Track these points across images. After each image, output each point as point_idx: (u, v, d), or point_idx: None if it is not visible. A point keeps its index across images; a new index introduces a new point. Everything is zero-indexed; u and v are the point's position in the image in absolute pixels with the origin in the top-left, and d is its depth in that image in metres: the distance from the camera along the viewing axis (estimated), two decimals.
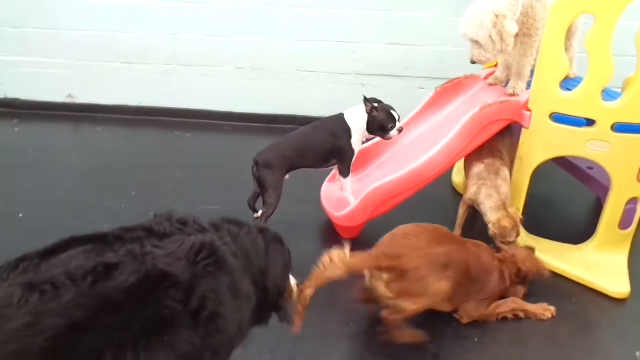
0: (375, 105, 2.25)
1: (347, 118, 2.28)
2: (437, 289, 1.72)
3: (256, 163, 2.23)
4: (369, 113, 2.24)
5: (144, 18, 3.40)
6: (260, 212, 2.30)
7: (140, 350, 1.02)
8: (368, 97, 2.31)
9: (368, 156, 2.54)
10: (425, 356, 1.77)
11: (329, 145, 2.28)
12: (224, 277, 1.17)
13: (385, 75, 3.41)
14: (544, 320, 1.93)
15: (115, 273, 1.01)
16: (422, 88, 3.31)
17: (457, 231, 2.33)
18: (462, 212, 2.33)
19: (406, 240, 1.78)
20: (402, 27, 3.27)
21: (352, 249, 2.29)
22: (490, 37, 1.99)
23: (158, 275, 1.07)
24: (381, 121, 2.25)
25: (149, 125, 3.54)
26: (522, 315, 1.94)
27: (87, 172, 2.91)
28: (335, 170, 2.48)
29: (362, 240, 2.35)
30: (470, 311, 1.90)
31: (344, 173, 2.33)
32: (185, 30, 3.42)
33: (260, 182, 2.24)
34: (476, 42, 2.03)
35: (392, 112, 2.27)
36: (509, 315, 1.93)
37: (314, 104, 3.50)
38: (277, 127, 3.56)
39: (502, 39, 1.99)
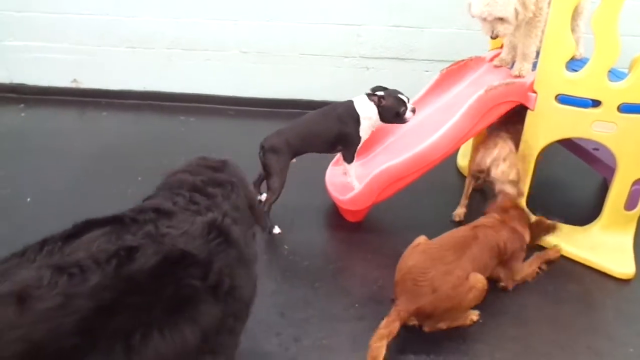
0: (382, 94, 2.24)
1: (356, 105, 2.27)
2: (470, 299, 1.74)
3: (262, 147, 2.24)
4: (378, 105, 2.24)
5: (147, 2, 3.38)
6: (264, 196, 2.32)
7: (165, 329, 1.06)
8: (373, 81, 2.31)
9: (373, 140, 2.53)
10: (429, 337, 1.78)
11: (336, 132, 2.27)
12: (233, 250, 1.24)
13: (390, 58, 3.38)
14: (548, 303, 1.94)
15: (137, 255, 1.06)
16: (427, 71, 3.29)
17: (464, 201, 2.38)
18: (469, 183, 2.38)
19: (416, 284, 1.72)
20: (407, 9, 3.24)
21: (356, 234, 2.31)
22: (516, 9, 1.99)
23: (178, 255, 1.12)
24: (392, 108, 2.24)
25: (153, 110, 3.55)
26: (544, 267, 2.07)
27: (93, 157, 2.93)
28: (339, 155, 2.49)
29: (366, 224, 2.37)
30: (511, 276, 1.97)
31: (348, 159, 2.34)
32: (189, 14, 3.40)
33: (265, 167, 2.25)
34: (499, 19, 2.01)
35: (400, 95, 2.25)
36: (541, 268, 2.06)
37: (318, 87, 3.49)
38: (282, 111, 3.55)
39: (525, 8, 1.99)
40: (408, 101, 2.27)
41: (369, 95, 2.25)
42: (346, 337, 1.78)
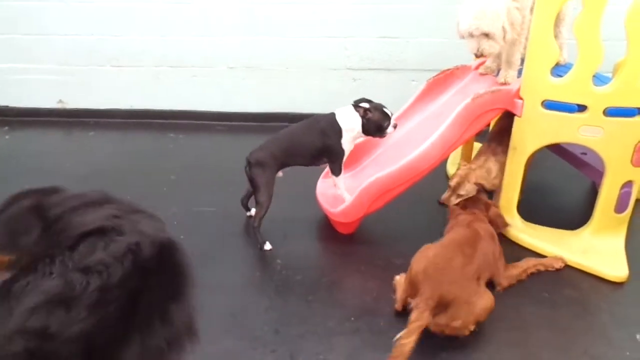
0: (367, 106, 2.24)
1: (338, 118, 2.27)
2: (484, 304, 1.77)
3: (248, 162, 2.25)
4: (363, 116, 2.23)
5: (133, 21, 3.38)
6: (253, 211, 2.31)
7: (171, 304, 1.22)
8: (361, 93, 2.33)
9: (362, 151, 2.53)
10: (427, 348, 1.76)
11: (319, 144, 2.27)
12: None
13: (377, 69, 3.40)
14: (545, 306, 1.94)
15: (142, 247, 1.18)
16: (414, 80, 3.31)
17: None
18: None
19: (439, 270, 1.78)
20: (393, 20, 3.27)
21: (349, 246, 2.30)
22: (503, 27, 2.01)
23: (168, 242, 1.25)
24: (377, 121, 2.24)
25: (141, 128, 3.53)
26: (541, 268, 2.10)
27: (81, 177, 2.90)
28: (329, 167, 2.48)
29: (358, 235, 2.36)
30: (505, 276, 1.99)
31: (336, 172, 2.33)
32: (175, 31, 3.40)
33: (252, 181, 2.26)
34: (485, 35, 2.03)
35: (385, 109, 2.25)
36: (535, 270, 2.09)
37: (307, 100, 3.49)
38: (271, 125, 3.54)
39: (512, 27, 2.02)
40: (391, 115, 2.27)
41: (355, 106, 2.25)
42: (342, 351, 1.76)
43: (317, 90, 3.46)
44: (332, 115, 2.29)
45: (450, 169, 2.78)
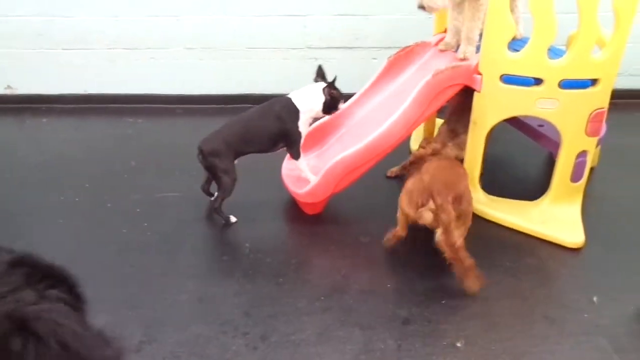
0: (331, 85, 2.24)
1: (295, 100, 2.24)
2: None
3: (201, 151, 2.18)
4: (329, 95, 2.24)
5: (83, 1, 3.23)
6: (216, 194, 2.28)
7: None
8: (321, 71, 2.34)
9: (326, 131, 2.53)
10: (396, 322, 1.81)
11: (276, 130, 2.23)
12: None
13: (337, 48, 3.38)
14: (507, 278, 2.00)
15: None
16: (374, 58, 3.30)
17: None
18: None
19: (445, 172, 2.04)
20: None
21: (317, 226, 2.31)
22: None
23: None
24: (337, 98, 2.27)
25: (97, 113, 3.41)
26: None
27: (35, 166, 2.79)
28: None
29: (326, 215, 2.37)
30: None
31: (295, 156, 2.31)
32: (128, 12, 3.27)
33: (209, 170, 2.23)
34: None
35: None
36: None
37: (267, 81, 3.45)
38: (232, 107, 3.48)
39: None
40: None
41: (324, 87, 2.24)
42: (313, 330, 1.78)
43: (278, 70, 3.41)
44: (288, 98, 2.26)
45: (414, 145, 2.81)
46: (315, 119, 2.39)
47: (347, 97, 2.41)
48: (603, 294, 1.92)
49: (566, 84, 2.03)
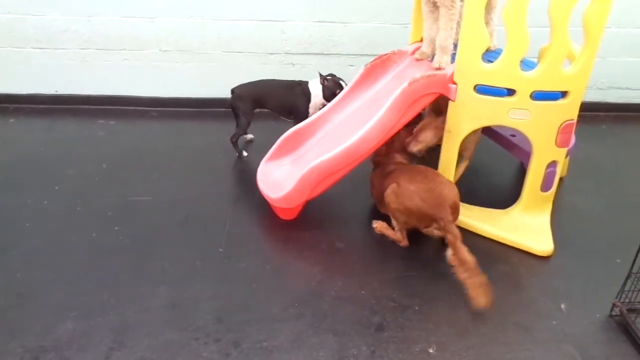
0: (327, 76, 2.78)
1: (310, 85, 2.82)
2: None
3: (232, 92, 2.82)
4: (322, 83, 2.77)
5: None
6: (250, 136, 3.02)
7: None
8: (299, 77, 2.81)
9: (302, 136, 2.53)
10: (369, 328, 1.81)
11: (290, 102, 2.82)
12: None
13: (315, 54, 3.39)
14: None
15: None
16: (351, 65, 3.33)
17: None
18: None
19: (439, 195, 2.08)
20: (330, 4, 3.26)
21: (292, 232, 2.31)
22: None
23: None
24: (331, 88, 2.75)
25: (68, 114, 3.33)
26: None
27: (3, 168, 2.71)
28: (272, 151, 2.50)
29: (301, 221, 2.36)
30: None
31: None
32: (102, 11, 3.22)
33: (233, 109, 2.83)
34: None
35: (340, 81, 2.78)
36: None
37: None
38: (208, 110, 3.46)
39: None
40: (345, 85, 2.72)
41: (320, 76, 2.78)
42: (286, 337, 1.77)
43: (255, 74, 3.38)
44: (306, 83, 2.84)
45: None
46: (324, 105, 2.66)
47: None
48: (571, 302, 1.96)
49: (537, 96, 2.08)
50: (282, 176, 2.41)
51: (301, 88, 2.83)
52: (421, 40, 2.49)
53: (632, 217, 2.48)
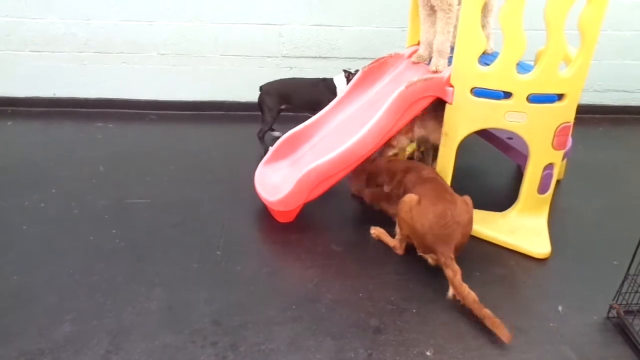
0: (351, 71, 2.87)
1: (335, 81, 2.95)
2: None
3: (260, 89, 2.95)
4: (347, 78, 2.88)
5: (52, 2, 3.17)
6: (277, 133, 3.03)
7: None
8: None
9: (300, 139, 2.53)
10: (367, 331, 1.81)
11: (315, 97, 2.90)
12: None
13: (312, 57, 3.40)
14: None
15: None
16: (348, 68, 3.33)
17: None
18: None
19: (444, 219, 1.99)
20: (327, 8, 3.27)
21: (289, 235, 2.31)
22: None
23: None
24: None
25: (66, 117, 3.34)
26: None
27: (0, 171, 2.70)
28: (269, 153, 2.51)
29: (298, 224, 2.36)
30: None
31: None
32: (100, 15, 3.23)
33: (260, 104, 2.95)
34: None
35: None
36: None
37: (242, 88, 3.44)
38: (206, 113, 3.47)
39: None
40: None
41: (344, 71, 2.91)
42: (284, 340, 1.76)
43: (253, 77, 3.40)
44: (331, 79, 2.97)
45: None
46: None
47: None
48: (568, 304, 1.96)
49: (534, 98, 2.09)
50: (279, 179, 2.41)
51: (325, 84, 2.94)
52: (418, 44, 2.49)
53: (629, 219, 2.48)
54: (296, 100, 2.96)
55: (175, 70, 3.40)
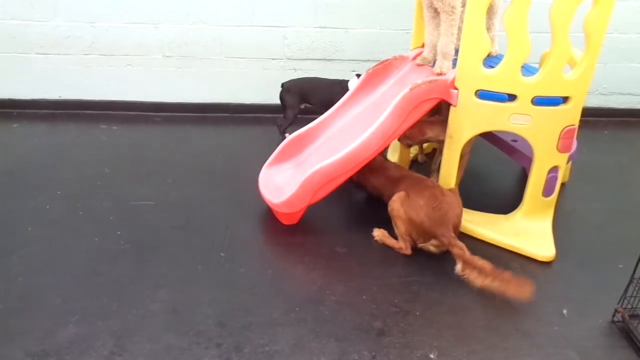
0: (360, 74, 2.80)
1: (350, 84, 2.92)
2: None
3: (282, 86, 3.03)
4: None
5: (58, 4, 3.18)
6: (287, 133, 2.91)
7: None
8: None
9: (304, 141, 2.53)
10: (371, 333, 1.81)
11: (330, 97, 2.84)
12: None
13: (317, 59, 3.41)
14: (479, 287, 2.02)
15: None
16: (353, 70, 3.34)
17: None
18: None
19: (441, 211, 2.10)
20: (332, 10, 3.28)
21: (293, 237, 2.31)
22: None
23: None
24: None
25: (71, 119, 3.35)
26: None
27: (5, 173, 2.72)
28: (274, 155, 2.51)
29: (302, 226, 2.36)
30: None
31: None
32: (105, 17, 3.24)
33: (282, 101, 3.03)
34: None
35: None
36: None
37: (246, 90, 3.45)
38: (210, 115, 3.48)
39: None
40: None
41: (357, 76, 2.86)
42: (287, 341, 1.76)
43: (257, 79, 3.42)
44: (346, 81, 2.99)
45: (391, 157, 2.83)
46: None
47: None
48: (573, 307, 1.96)
49: (539, 101, 2.08)
50: (283, 181, 2.41)
51: (341, 87, 2.95)
52: (423, 46, 2.50)
53: (635, 223, 2.47)
54: (314, 99, 3.02)
55: (180, 72, 3.41)
